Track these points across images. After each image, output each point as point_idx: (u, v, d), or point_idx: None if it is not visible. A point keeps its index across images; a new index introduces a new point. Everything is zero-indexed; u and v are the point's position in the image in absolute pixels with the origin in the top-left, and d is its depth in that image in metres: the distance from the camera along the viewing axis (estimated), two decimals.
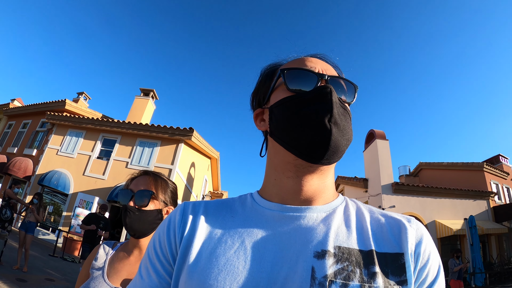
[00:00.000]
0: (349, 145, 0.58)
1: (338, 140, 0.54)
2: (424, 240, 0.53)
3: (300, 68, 0.61)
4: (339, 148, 0.54)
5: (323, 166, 0.57)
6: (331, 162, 0.56)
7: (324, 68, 0.62)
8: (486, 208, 14.53)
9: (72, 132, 15.02)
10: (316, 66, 0.62)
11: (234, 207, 0.64)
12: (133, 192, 1.17)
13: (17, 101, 21.51)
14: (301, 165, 0.57)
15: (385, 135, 14.54)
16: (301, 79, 0.59)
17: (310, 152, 0.54)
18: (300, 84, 0.59)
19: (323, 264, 0.48)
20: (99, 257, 1.18)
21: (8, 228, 6.89)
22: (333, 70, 0.65)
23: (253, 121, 0.70)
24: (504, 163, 19.35)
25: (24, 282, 5.84)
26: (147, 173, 1.25)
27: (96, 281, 1.10)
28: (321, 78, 0.58)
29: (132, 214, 1.13)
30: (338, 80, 0.61)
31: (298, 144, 0.55)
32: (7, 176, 15.23)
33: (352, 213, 0.59)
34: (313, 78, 0.59)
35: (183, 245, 0.57)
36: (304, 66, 0.62)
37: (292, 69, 0.61)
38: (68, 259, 9.52)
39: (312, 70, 0.60)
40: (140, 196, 1.16)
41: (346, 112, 0.58)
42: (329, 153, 0.54)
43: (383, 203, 13.03)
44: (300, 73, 0.60)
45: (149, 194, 1.17)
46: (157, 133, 13.79)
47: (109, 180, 13.57)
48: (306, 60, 0.64)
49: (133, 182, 1.22)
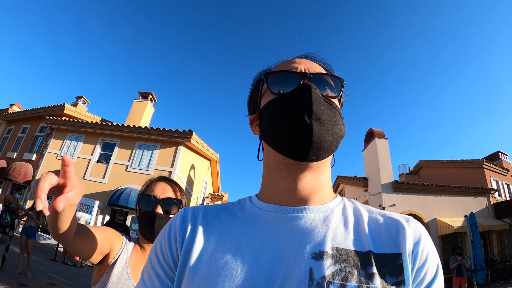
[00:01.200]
0: (340, 139, 0.59)
1: (322, 136, 0.54)
2: (422, 240, 0.53)
3: (281, 71, 0.62)
4: (324, 144, 0.55)
5: (312, 163, 0.57)
6: (319, 158, 0.56)
7: (308, 67, 0.64)
8: (487, 205, 14.54)
9: (71, 136, 15.01)
10: (299, 66, 0.64)
11: (233, 210, 0.64)
12: (157, 199, 1.18)
13: (16, 106, 21.51)
14: (291, 164, 0.58)
15: (384, 134, 14.56)
16: (283, 81, 0.61)
17: (295, 150, 0.55)
18: (282, 86, 0.61)
19: (321, 265, 0.49)
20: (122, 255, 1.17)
21: (9, 233, 6.87)
22: (320, 67, 0.66)
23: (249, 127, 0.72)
24: (504, 160, 19.34)
25: (26, 287, 5.83)
26: (168, 180, 1.28)
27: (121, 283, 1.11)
28: (304, 77, 0.60)
29: (161, 221, 1.15)
30: (323, 76, 0.62)
31: (283, 144, 0.56)
32: (7, 181, 15.21)
33: (350, 214, 0.59)
34: (295, 78, 0.60)
35: (184, 250, 0.58)
36: (288, 68, 0.64)
37: (273, 73, 0.63)
38: (69, 263, 9.50)
39: (293, 70, 0.62)
40: (169, 204, 1.19)
41: (332, 107, 0.59)
42: (314, 149, 0.54)
43: (384, 202, 13.03)
44: (282, 76, 0.62)
45: (179, 202, 1.22)
46: (156, 136, 13.79)
47: (109, 183, 13.56)
48: (291, 62, 0.66)
49: (155, 187, 1.23)
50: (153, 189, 1.21)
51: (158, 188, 1.22)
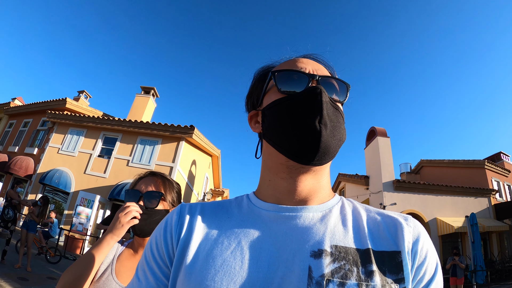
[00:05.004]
0: (342, 144, 0.58)
1: (328, 141, 0.54)
2: (421, 238, 0.53)
3: (291, 70, 0.61)
4: (330, 149, 0.54)
5: (315, 167, 0.57)
6: (322, 163, 0.56)
7: (315, 68, 0.63)
8: (487, 205, 14.53)
9: (73, 130, 15.05)
10: (307, 67, 0.62)
11: (230, 208, 0.64)
12: (141, 193, 1.18)
13: (17, 100, 21.55)
14: (294, 166, 0.57)
15: (386, 133, 14.55)
16: (292, 80, 0.60)
17: (301, 154, 0.54)
18: (291, 86, 0.59)
19: (320, 263, 0.48)
20: (108, 254, 1.17)
21: (11, 228, 6.91)
22: (325, 70, 0.65)
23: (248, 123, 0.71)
24: (506, 161, 19.33)
25: (26, 281, 5.86)
26: (154, 174, 1.27)
27: (103, 278, 1.10)
28: (312, 78, 0.59)
29: (141, 214, 1.14)
30: (330, 79, 0.61)
31: (289, 146, 0.55)
32: (8, 175, 15.28)
33: (348, 212, 0.59)
34: (304, 79, 0.59)
35: (180, 246, 0.57)
36: (295, 67, 0.62)
37: (283, 71, 0.61)
38: (69, 258, 9.55)
39: (302, 71, 0.61)
40: (150, 197, 1.17)
41: (338, 111, 0.58)
42: (320, 154, 0.54)
43: (384, 201, 13.04)
44: (291, 75, 0.60)
45: (159, 195, 1.19)
46: (158, 131, 13.81)
47: (110, 178, 13.60)
48: (297, 61, 0.65)
49: (141, 182, 1.22)
50: (138, 185, 1.22)
51: (143, 183, 1.21)
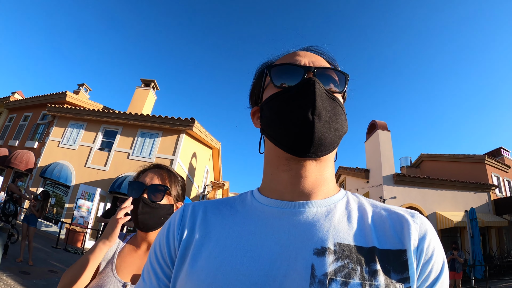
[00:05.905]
0: (342, 136, 0.58)
1: (323, 133, 0.53)
2: (428, 236, 0.52)
3: (285, 64, 0.61)
4: (325, 141, 0.54)
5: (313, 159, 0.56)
6: (320, 154, 0.56)
7: (312, 60, 0.63)
8: (487, 200, 14.54)
9: (73, 124, 15.03)
10: (303, 60, 0.62)
11: (234, 205, 0.64)
12: (145, 185, 1.14)
13: (17, 94, 21.50)
14: (292, 159, 0.57)
15: (387, 126, 14.50)
16: (287, 74, 0.60)
17: (296, 146, 0.54)
18: (286, 79, 0.60)
19: (323, 261, 0.48)
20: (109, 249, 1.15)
21: (12, 222, 6.93)
22: (324, 61, 0.65)
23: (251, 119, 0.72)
24: (506, 156, 19.30)
25: (27, 274, 5.90)
26: (160, 167, 1.23)
27: (103, 274, 1.09)
28: (308, 70, 0.58)
29: (146, 208, 1.11)
30: (327, 71, 0.61)
31: (284, 139, 0.56)
32: (9, 169, 15.30)
33: (353, 209, 0.57)
34: (299, 71, 0.59)
35: (181, 247, 0.57)
36: (292, 61, 0.63)
37: (277, 65, 0.61)
38: (71, 251, 9.61)
39: (297, 64, 0.61)
40: (154, 190, 1.14)
41: (335, 102, 0.58)
42: (315, 146, 0.53)
43: (384, 194, 13.06)
44: (286, 69, 0.61)
45: (165, 189, 1.16)
46: (158, 124, 13.78)
47: (110, 171, 13.62)
48: (294, 54, 0.65)
49: (145, 174, 1.19)
50: (143, 177, 1.18)
51: (148, 175, 1.18)
